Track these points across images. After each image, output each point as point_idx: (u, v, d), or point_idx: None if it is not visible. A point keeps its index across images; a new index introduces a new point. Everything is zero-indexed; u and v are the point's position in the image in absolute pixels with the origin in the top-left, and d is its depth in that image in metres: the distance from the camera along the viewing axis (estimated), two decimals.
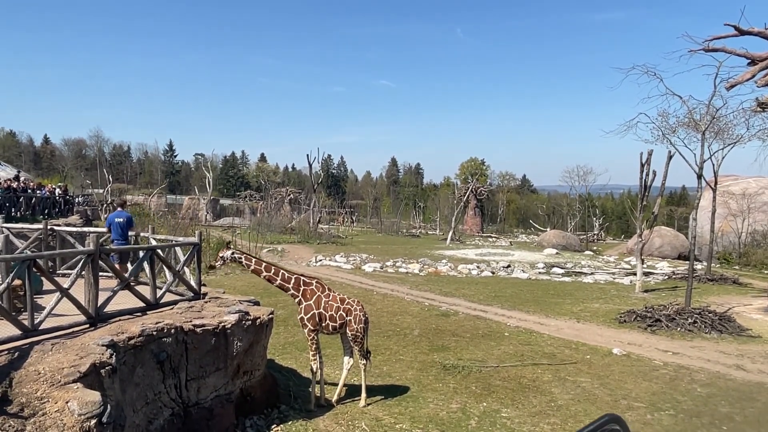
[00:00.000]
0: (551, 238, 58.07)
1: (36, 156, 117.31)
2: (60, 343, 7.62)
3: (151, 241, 12.41)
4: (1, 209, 24.14)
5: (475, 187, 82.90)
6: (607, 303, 23.93)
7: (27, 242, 13.32)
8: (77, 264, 9.48)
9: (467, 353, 15.78)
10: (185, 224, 47.15)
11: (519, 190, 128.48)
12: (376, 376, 13.40)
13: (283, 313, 19.51)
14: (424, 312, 21.37)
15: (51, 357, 7.12)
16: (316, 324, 11.21)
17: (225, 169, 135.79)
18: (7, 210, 24.95)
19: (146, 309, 9.80)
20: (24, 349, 7.26)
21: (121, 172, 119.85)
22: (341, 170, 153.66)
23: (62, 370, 6.74)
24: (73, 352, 7.29)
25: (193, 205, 75.51)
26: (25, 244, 13.08)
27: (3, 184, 28.86)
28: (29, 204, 28.19)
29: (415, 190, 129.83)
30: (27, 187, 30.69)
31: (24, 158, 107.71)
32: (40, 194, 30.44)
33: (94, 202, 50.90)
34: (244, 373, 10.32)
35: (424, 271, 34.25)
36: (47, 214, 29.02)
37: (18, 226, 15.73)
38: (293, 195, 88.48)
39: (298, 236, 55.47)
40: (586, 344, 17.02)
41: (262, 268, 11.50)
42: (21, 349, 7.23)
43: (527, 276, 33.31)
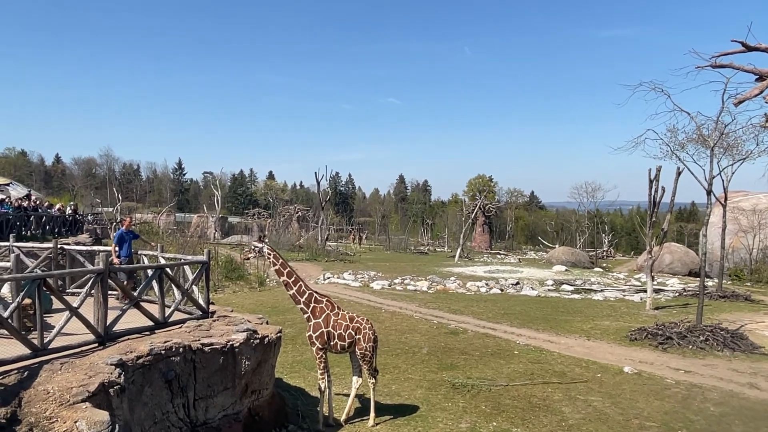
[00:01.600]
0: (560, 254, 57.77)
1: (47, 175, 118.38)
2: (69, 362, 7.63)
3: (160, 260, 12.46)
4: (12, 228, 24.31)
5: (483, 204, 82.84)
6: (617, 320, 23.72)
7: (37, 261, 13.39)
8: (86, 283, 9.52)
9: (476, 372, 15.66)
10: (194, 242, 47.30)
11: (527, 206, 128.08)
12: (384, 395, 13.31)
13: (291, 332, 19.46)
14: (433, 330, 21.26)
15: (60, 376, 7.13)
16: (324, 342, 11.18)
17: (233, 187, 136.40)
18: (18, 229, 25.13)
19: (155, 327, 9.81)
20: (33, 368, 7.28)
21: (131, 191, 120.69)
22: (349, 187, 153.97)
23: (71, 389, 6.75)
24: (82, 371, 7.30)
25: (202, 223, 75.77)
26: (35, 263, 13.15)
27: (14, 203, 29.12)
28: (40, 223, 28.38)
29: (423, 207, 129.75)
30: (38, 206, 30.93)
31: (35, 177, 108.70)
32: (50, 213, 30.66)
33: (103, 221, 51.15)
34: (252, 392, 10.28)
35: (433, 289, 34.11)
36: (57, 233, 29.19)
37: (28, 245, 15.84)
38: (301, 212, 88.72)
39: (306, 254, 55.47)
40: (597, 362, 16.86)
41: (284, 272, 11.53)
42: (30, 369, 7.25)
43: (536, 293, 33.10)
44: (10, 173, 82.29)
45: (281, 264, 11.60)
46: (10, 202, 29.35)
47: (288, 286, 11.50)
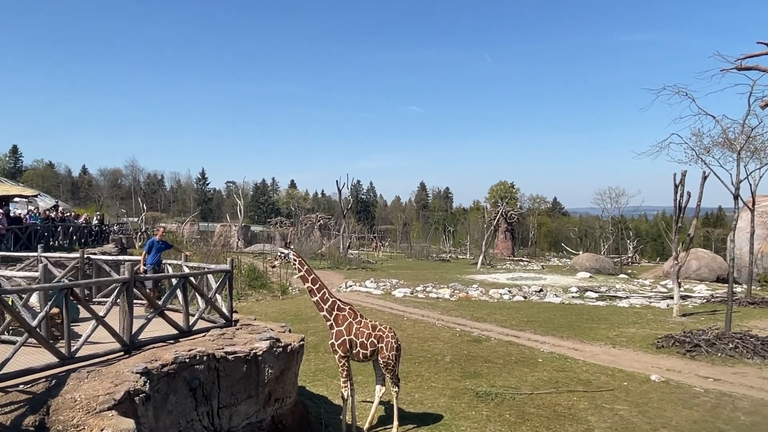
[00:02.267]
0: (584, 261, 57.13)
1: (74, 186, 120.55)
2: (95, 370, 7.73)
3: (184, 269, 12.58)
4: (40, 239, 24.78)
5: (505, 211, 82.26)
6: (643, 328, 23.36)
7: (64, 271, 13.62)
8: (112, 292, 9.65)
9: (500, 380, 15.52)
10: (217, 251, 47.73)
11: (550, 212, 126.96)
12: (407, 404, 13.26)
13: (314, 340, 19.49)
14: (456, 338, 21.14)
15: (87, 384, 7.22)
16: (346, 350, 11.17)
17: (256, 196, 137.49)
18: (46, 239, 25.59)
19: (179, 336, 9.90)
20: (61, 376, 7.39)
21: (155, 201, 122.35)
22: (370, 195, 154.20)
23: (98, 397, 6.83)
24: (108, 379, 7.39)
25: (225, 232, 76.29)
26: (63, 273, 13.37)
27: (42, 214, 29.68)
28: (67, 233, 28.88)
29: (444, 215, 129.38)
30: (65, 217, 31.49)
31: (62, 189, 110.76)
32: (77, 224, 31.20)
33: (129, 231, 51.91)
34: (275, 400, 10.30)
35: (455, 296, 33.95)
36: (84, 243, 29.67)
37: (56, 255, 16.11)
38: (323, 221, 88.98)
39: (328, 262, 55.59)
40: (623, 370, 16.60)
41: (309, 279, 11.57)
42: (58, 377, 7.36)
43: (560, 300, 32.76)
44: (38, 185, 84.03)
45: (306, 270, 11.64)
46: (38, 213, 29.93)
47: (312, 292, 11.54)
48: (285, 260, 11.96)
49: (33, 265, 14.40)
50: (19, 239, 23.84)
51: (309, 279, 11.57)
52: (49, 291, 8.70)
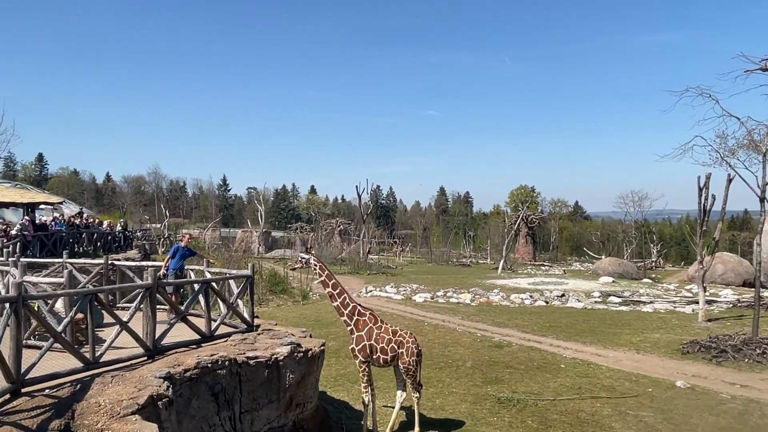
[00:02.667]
0: (607, 265, 56.48)
1: (98, 193, 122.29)
2: (119, 375, 7.82)
3: (206, 274, 12.69)
4: (65, 245, 25.17)
5: (526, 215, 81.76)
6: (668, 333, 23.01)
7: (89, 277, 13.81)
8: (136, 297, 9.76)
9: (522, 386, 15.39)
10: (238, 257, 48.11)
11: (571, 216, 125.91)
12: (428, 409, 13.20)
13: (335, 345, 19.51)
14: (477, 343, 21.01)
15: (111, 389, 7.31)
16: (366, 356, 11.16)
17: (276, 201, 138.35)
18: (71, 246, 25.98)
19: (201, 341, 9.98)
20: (85, 381, 7.49)
21: (178, 207, 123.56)
22: (390, 200, 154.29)
23: (121, 402, 6.90)
24: (131, 384, 7.47)
25: (246, 238, 76.87)
26: (87, 279, 13.56)
27: (67, 220, 30.15)
28: (91, 240, 29.29)
29: (464, 219, 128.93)
30: (89, 224, 31.95)
31: (87, 195, 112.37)
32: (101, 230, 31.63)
33: (152, 237, 52.52)
34: (296, 405, 10.33)
35: (476, 301, 33.77)
36: (108, 249, 30.07)
37: (80, 262, 16.35)
38: (343, 226, 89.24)
39: (349, 267, 55.73)
40: (648, 376, 16.36)
41: (329, 283, 11.61)
42: (83, 381, 7.46)
43: (583, 305, 32.42)
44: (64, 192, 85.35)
45: (327, 275, 11.67)
46: (63, 219, 30.41)
47: (332, 297, 11.57)
48: (306, 265, 12.01)
49: (58, 271, 14.63)
50: (45, 246, 24.25)
51: (329, 284, 11.60)
52: (74, 297, 8.85)
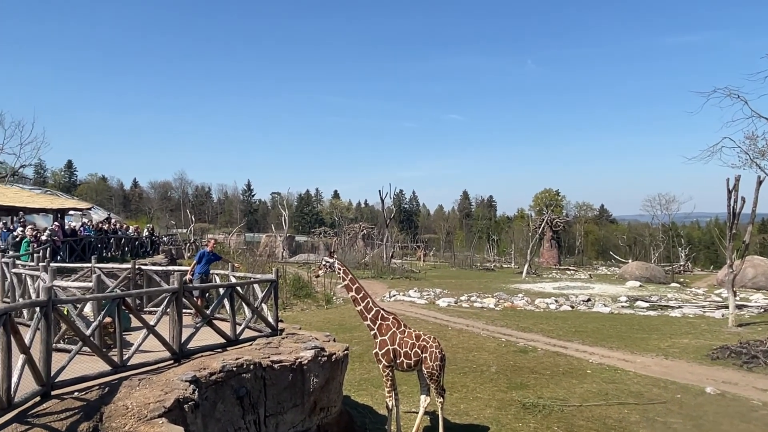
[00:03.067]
0: (634, 270, 55.65)
1: (125, 199, 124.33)
2: (146, 378, 7.92)
3: (231, 279, 12.80)
4: (93, 250, 25.59)
5: (550, 219, 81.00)
6: (697, 338, 22.57)
7: (117, 281, 14.03)
8: (162, 302, 9.89)
9: (548, 391, 15.22)
10: (263, 261, 48.42)
11: (597, 220, 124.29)
12: (453, 414, 13.12)
13: (359, 349, 19.53)
14: (501, 348, 20.85)
15: (138, 392, 7.40)
16: (390, 360, 11.14)
17: (300, 206, 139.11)
18: (99, 251, 26.41)
19: (226, 345, 10.06)
20: (113, 384, 7.60)
21: (203, 212, 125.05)
22: (413, 205, 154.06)
23: (148, 405, 6.99)
24: (158, 387, 7.55)
25: (270, 243, 77.37)
26: (115, 283, 13.78)
27: (95, 226, 30.67)
28: (119, 244, 29.74)
29: (488, 223, 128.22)
30: (117, 229, 32.46)
31: (114, 201, 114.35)
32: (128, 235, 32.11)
33: (178, 242, 53.16)
34: (320, 409, 10.35)
35: (500, 306, 33.54)
36: (135, 253, 30.49)
37: (108, 266, 16.61)
38: (366, 230, 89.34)
39: (372, 271, 55.72)
40: (676, 382, 16.06)
41: (353, 288, 11.64)
42: (111, 385, 7.57)
43: (609, 310, 32.00)
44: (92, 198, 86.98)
45: (350, 280, 11.70)
46: (91, 225, 30.94)
47: (356, 301, 11.58)
48: (330, 269, 12.04)
49: (87, 275, 14.90)
50: (74, 251, 24.68)
51: (353, 288, 11.62)
52: (102, 301, 8.99)
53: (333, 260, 12.00)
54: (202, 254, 13.97)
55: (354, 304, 11.68)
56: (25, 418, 6.44)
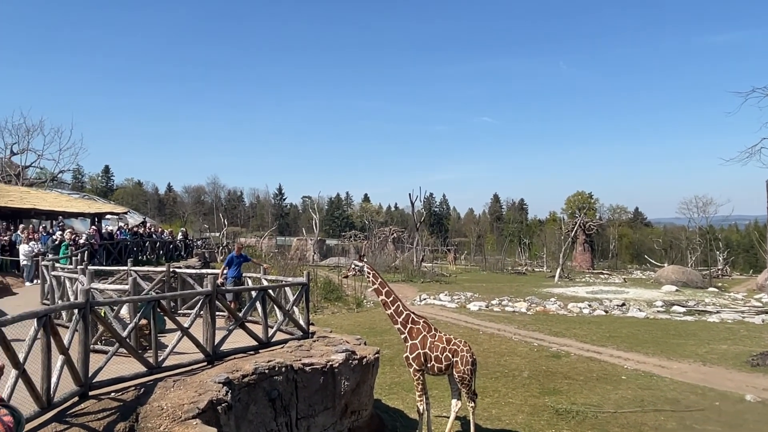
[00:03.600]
0: (670, 274, 54.50)
1: (160, 203, 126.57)
2: (180, 380, 8.04)
3: (263, 282, 12.92)
4: (129, 253, 26.13)
5: (583, 222, 79.87)
6: (736, 344, 21.99)
7: (152, 284, 14.27)
8: (196, 304, 10.03)
9: (581, 397, 14.99)
10: (294, 264, 48.82)
11: (631, 223, 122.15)
12: (484, 419, 13.02)
13: (389, 353, 19.51)
14: (533, 353, 20.62)
15: (172, 393, 7.51)
16: (421, 364, 11.10)
17: (330, 210, 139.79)
18: (134, 254, 26.96)
19: (258, 347, 10.15)
20: (149, 385, 7.73)
21: (235, 216, 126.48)
22: (443, 208, 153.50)
23: (182, 406, 7.08)
24: (192, 388, 7.66)
25: (301, 246, 77.89)
26: (150, 286, 14.01)
27: (131, 229, 31.31)
28: (154, 248, 30.30)
29: (519, 227, 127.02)
30: (152, 233, 33.08)
31: (149, 205, 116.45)
32: (163, 239, 32.70)
33: (211, 245, 53.90)
34: (351, 412, 10.36)
35: (532, 310, 33.18)
36: (169, 257, 31.03)
37: (144, 269, 16.92)
38: (396, 234, 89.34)
39: (402, 275, 55.66)
40: (714, 389, 15.65)
41: (383, 291, 11.64)
42: (146, 386, 7.70)
43: (644, 315, 31.40)
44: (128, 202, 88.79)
45: (380, 283, 11.70)
46: (127, 229, 31.60)
47: (386, 305, 11.58)
48: (359, 273, 12.07)
49: (123, 278, 15.19)
50: (111, 254, 25.24)
51: (383, 292, 11.62)
52: (138, 303, 9.16)
53: (362, 264, 12.02)
54: (231, 258, 14.13)
55: (384, 307, 11.68)
56: (64, 418, 6.60)
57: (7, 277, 19.68)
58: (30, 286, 19.41)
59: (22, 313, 6.43)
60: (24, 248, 20.91)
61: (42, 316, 6.47)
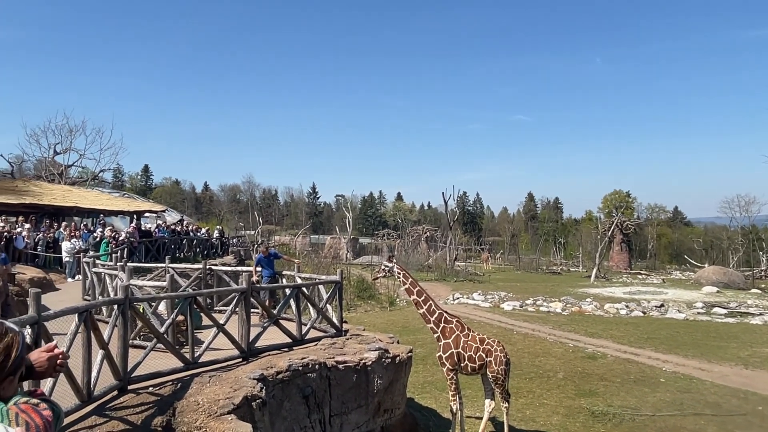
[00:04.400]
0: (710, 274, 53.08)
1: (197, 202, 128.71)
2: (216, 375, 8.15)
3: (297, 280, 13.02)
4: (167, 251, 26.66)
5: (620, 221, 78.38)
6: None
7: (189, 281, 14.53)
8: (231, 301, 10.16)
9: (618, 399, 14.71)
10: (327, 263, 49.09)
11: (671, 222, 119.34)
12: (518, 420, 12.88)
13: (422, 352, 19.46)
14: (569, 354, 20.31)
15: (208, 389, 7.62)
16: (454, 363, 11.05)
17: (363, 209, 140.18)
18: (172, 251, 27.48)
19: (292, 344, 10.23)
20: (185, 380, 7.86)
21: (270, 215, 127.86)
22: (477, 207, 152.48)
23: (218, 401, 7.18)
24: (227, 384, 7.76)
25: (335, 244, 78.26)
26: (187, 283, 14.27)
27: (169, 227, 31.93)
28: (191, 245, 30.86)
29: (554, 226, 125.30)
30: (189, 230, 33.69)
31: (187, 204, 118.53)
32: (200, 236, 33.27)
33: (246, 243, 54.58)
34: (384, 411, 10.37)
35: (567, 310, 32.70)
36: (206, 254, 31.53)
37: (181, 267, 17.25)
38: (429, 233, 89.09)
39: (435, 274, 55.44)
40: (758, 393, 15.18)
41: (414, 291, 11.62)
42: (183, 381, 7.83)
43: (684, 316, 30.65)
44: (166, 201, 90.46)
45: (411, 283, 11.68)
46: (165, 226, 32.23)
47: (418, 305, 11.54)
48: (389, 273, 12.04)
49: (161, 275, 15.51)
50: (149, 251, 25.78)
51: (414, 291, 11.58)
52: (176, 299, 9.32)
53: (392, 264, 12.00)
54: (259, 259, 14.26)
55: (416, 307, 11.64)
56: (104, 411, 6.75)
57: (51, 273, 20.26)
58: (72, 282, 19.97)
59: (64, 309, 6.61)
60: (66, 245, 21.51)
61: (83, 311, 6.63)
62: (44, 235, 22.28)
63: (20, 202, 26.62)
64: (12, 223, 24.53)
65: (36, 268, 20.32)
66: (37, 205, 27.35)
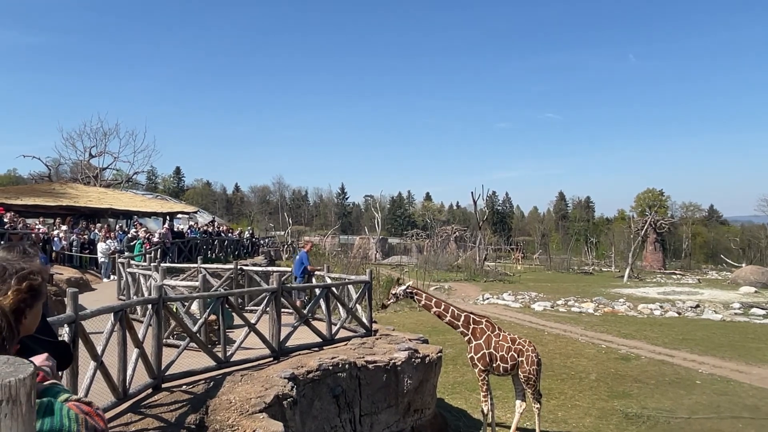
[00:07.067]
0: (748, 274, 51.81)
1: (228, 203, 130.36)
2: (248, 374, 8.24)
3: (326, 280, 13.09)
4: (199, 251, 27.04)
5: (654, 220, 76.96)
6: None
7: (221, 281, 14.73)
8: (262, 301, 10.26)
9: (652, 401, 14.44)
10: (356, 263, 49.20)
11: (706, 221, 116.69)
12: (550, 422, 12.74)
13: (452, 352, 19.38)
14: (601, 355, 20.01)
15: (240, 387, 7.71)
16: (486, 364, 10.96)
17: (392, 209, 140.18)
18: (204, 252, 27.87)
19: (322, 344, 10.29)
20: (218, 379, 7.97)
21: (300, 215, 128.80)
22: (506, 206, 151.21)
23: (250, 400, 7.26)
24: (259, 383, 7.84)
25: (364, 245, 78.44)
26: (219, 283, 14.47)
27: (201, 228, 32.40)
28: (222, 246, 31.25)
29: (585, 225, 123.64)
30: (220, 231, 34.12)
31: (218, 205, 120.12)
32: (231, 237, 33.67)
33: (276, 244, 55.06)
34: (414, 411, 10.36)
35: (599, 311, 32.24)
36: (237, 254, 31.90)
37: (213, 267, 17.49)
38: (458, 233, 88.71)
39: (465, 274, 55.21)
40: None
41: (432, 304, 11.51)
42: (215, 379, 7.94)
43: (720, 317, 29.96)
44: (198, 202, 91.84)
45: (426, 298, 11.48)
46: (197, 227, 32.71)
47: (441, 315, 11.36)
48: (402, 297, 11.78)
49: (193, 275, 15.76)
50: (182, 252, 26.19)
51: (432, 305, 11.38)
52: (208, 299, 9.46)
53: (401, 288, 11.73)
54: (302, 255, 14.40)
55: (440, 318, 11.38)
56: (139, 408, 6.89)
57: (87, 274, 20.74)
58: (107, 282, 20.40)
59: (100, 308, 6.76)
60: (101, 246, 21.98)
61: (118, 310, 6.78)
62: (79, 236, 22.79)
63: (57, 204, 27.33)
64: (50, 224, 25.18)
65: (73, 268, 20.81)
66: (74, 207, 28.03)
